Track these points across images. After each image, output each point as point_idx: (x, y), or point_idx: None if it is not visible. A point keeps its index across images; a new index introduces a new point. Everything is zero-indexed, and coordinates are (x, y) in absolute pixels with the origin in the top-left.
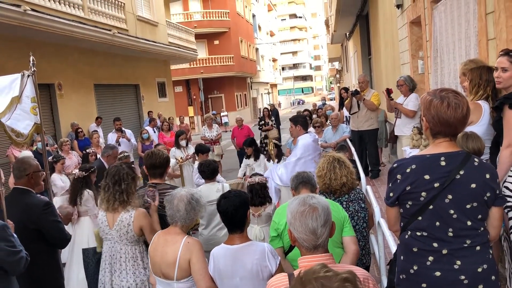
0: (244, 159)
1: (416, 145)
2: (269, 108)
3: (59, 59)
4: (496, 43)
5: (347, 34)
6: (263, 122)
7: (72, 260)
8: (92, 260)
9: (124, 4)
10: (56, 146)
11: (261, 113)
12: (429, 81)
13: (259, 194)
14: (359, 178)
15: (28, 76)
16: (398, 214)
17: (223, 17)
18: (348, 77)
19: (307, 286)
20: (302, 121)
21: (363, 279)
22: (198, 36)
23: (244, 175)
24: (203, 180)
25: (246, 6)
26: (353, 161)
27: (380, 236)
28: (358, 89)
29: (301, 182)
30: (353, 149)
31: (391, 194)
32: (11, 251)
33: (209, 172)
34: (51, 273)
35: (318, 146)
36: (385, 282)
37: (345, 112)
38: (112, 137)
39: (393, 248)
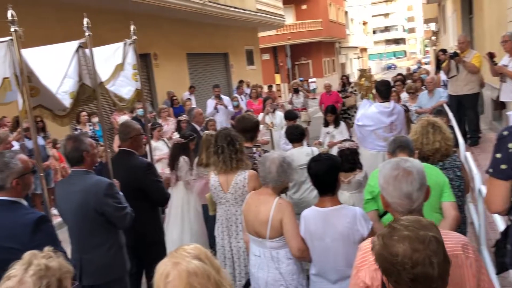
0: (323, 127)
1: None
2: (347, 76)
3: (154, 29)
4: None
5: None
6: (342, 89)
7: (169, 221)
8: (210, 216)
9: None
10: (154, 113)
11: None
12: None
13: (349, 159)
14: (457, 145)
15: (130, 44)
16: (509, 190)
17: None
18: (445, 39)
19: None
20: (381, 89)
21: (462, 245)
22: (286, 1)
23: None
24: (289, 146)
25: None
26: (451, 127)
27: (480, 204)
28: (458, 51)
29: (398, 146)
30: (450, 114)
31: (503, 167)
32: (118, 207)
33: (297, 134)
34: (154, 228)
35: (384, 119)
36: (484, 252)
37: (442, 75)
38: (210, 104)
39: (495, 218)
